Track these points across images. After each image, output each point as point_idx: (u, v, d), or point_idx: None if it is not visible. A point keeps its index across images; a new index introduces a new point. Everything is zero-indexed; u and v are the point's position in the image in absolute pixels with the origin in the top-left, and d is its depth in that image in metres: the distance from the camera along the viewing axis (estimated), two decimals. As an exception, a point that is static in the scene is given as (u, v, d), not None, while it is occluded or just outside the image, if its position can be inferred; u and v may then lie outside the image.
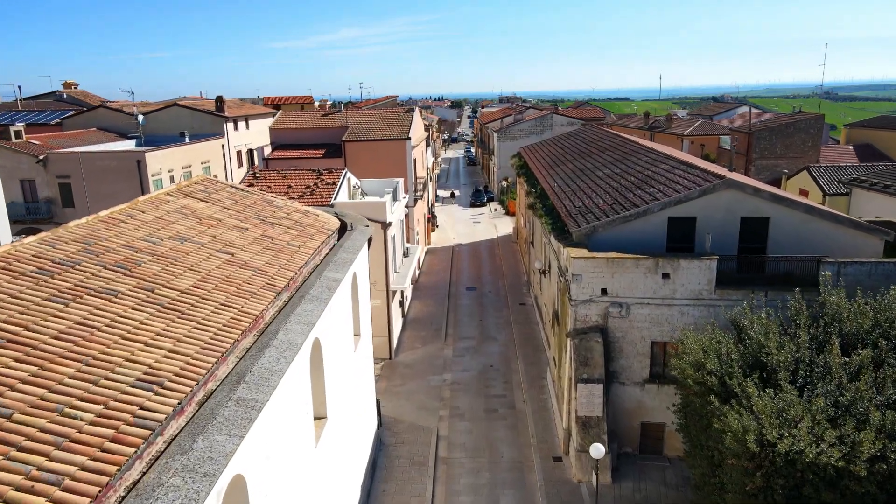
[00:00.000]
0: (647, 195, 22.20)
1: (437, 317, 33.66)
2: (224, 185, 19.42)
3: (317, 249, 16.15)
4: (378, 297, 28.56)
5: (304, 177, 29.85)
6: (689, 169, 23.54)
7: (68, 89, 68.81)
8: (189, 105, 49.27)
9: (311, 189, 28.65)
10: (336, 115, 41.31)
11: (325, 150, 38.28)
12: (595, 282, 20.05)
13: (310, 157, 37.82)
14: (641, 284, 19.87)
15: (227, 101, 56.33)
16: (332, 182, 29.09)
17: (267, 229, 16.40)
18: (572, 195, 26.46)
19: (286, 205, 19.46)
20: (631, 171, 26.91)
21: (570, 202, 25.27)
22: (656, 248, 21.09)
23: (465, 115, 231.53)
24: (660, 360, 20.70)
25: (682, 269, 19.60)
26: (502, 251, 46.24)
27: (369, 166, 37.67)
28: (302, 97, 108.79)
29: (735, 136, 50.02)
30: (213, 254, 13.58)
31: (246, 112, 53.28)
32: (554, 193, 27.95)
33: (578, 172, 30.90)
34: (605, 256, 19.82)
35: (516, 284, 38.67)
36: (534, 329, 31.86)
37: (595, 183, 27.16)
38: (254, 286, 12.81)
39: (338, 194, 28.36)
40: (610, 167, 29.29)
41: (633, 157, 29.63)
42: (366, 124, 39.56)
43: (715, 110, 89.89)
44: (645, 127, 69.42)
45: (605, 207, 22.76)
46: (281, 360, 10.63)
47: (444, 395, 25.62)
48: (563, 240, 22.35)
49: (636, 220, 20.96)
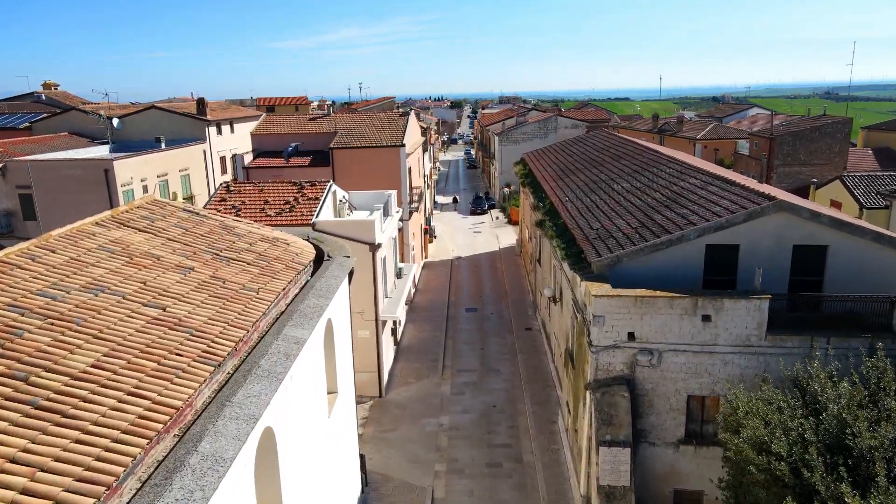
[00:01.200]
0: (679, 217, 18.86)
1: (433, 344, 30.30)
2: (176, 207, 16.08)
3: (282, 292, 12.83)
4: (366, 327, 25.23)
5: (284, 190, 26.51)
6: (725, 185, 20.19)
7: (47, 90, 65.40)
8: (168, 108, 45.92)
9: (290, 205, 25.31)
10: (324, 120, 37.98)
11: (311, 158, 34.96)
12: (620, 324, 16.72)
13: (294, 165, 34.49)
14: (676, 328, 16.53)
15: (211, 103, 53.00)
16: (315, 197, 25.74)
17: (220, 268, 13.05)
18: (587, 213, 23.11)
19: (251, 231, 16.13)
20: (654, 185, 23.58)
21: (586, 222, 21.93)
22: (690, 281, 17.79)
23: (465, 116, 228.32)
24: (697, 417, 17.36)
25: (726, 311, 16.27)
26: (505, 265, 42.88)
27: (359, 176, 34.34)
28: (297, 98, 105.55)
29: (755, 140, 46.69)
30: (136, 310, 10.23)
31: (231, 115, 49.92)
32: (566, 210, 24.60)
33: (592, 185, 27.56)
34: (634, 294, 16.49)
35: (521, 305, 35.33)
36: (541, 359, 28.51)
37: (613, 199, 23.83)
38: (185, 357, 9.45)
39: (321, 211, 25.02)
40: (628, 179, 25.95)
41: (654, 167, 26.30)
42: (356, 129, 36.22)
43: (724, 112, 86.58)
44: (654, 130, 66.09)
45: (628, 231, 19.43)
46: (202, 489, 7.26)
47: (441, 444, 22.27)
48: (579, 269, 19.02)
49: (668, 248, 17.64)
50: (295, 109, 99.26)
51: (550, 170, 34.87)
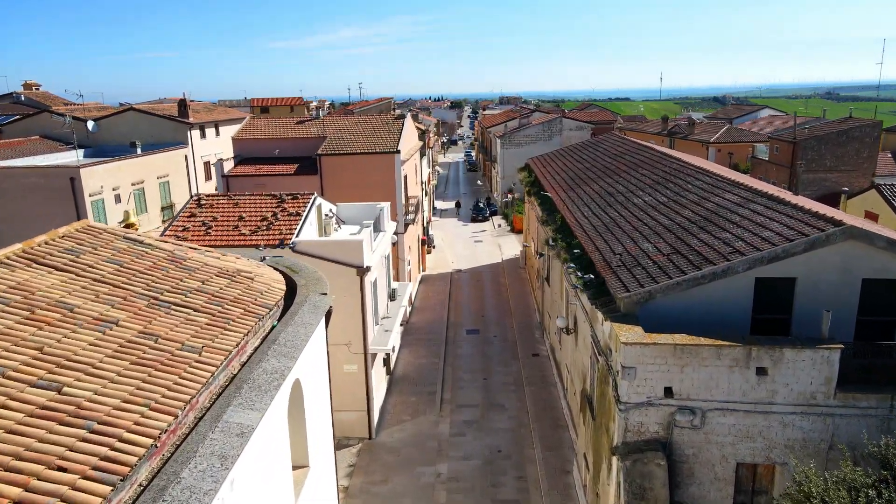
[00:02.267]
0: (720, 242, 15.88)
1: (431, 373, 27.30)
2: (115, 235, 13.05)
3: (236, 349, 9.84)
4: (354, 361, 22.24)
5: (262, 204, 23.54)
6: (772, 203, 17.21)
7: (27, 90, 62.46)
8: (147, 109, 42.92)
9: (268, 222, 22.32)
10: (312, 123, 34.99)
11: (297, 166, 31.99)
12: (656, 377, 13.74)
13: (279, 173, 31.52)
14: (725, 383, 13.56)
15: (195, 104, 50.03)
16: (297, 212, 22.76)
17: (156, 318, 10.02)
18: (607, 233, 20.12)
19: (206, 264, 13.11)
20: (682, 200, 20.59)
21: (607, 245, 18.94)
22: (736, 321, 14.85)
23: (466, 116, 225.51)
24: (747, 488, 14.38)
25: (786, 363, 13.30)
26: (509, 279, 39.89)
27: (350, 185, 31.36)
28: (292, 98, 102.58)
29: (775, 144, 43.68)
30: (16, 394, 7.21)
31: (217, 117, 46.93)
32: (581, 228, 21.61)
33: (608, 197, 24.58)
34: (673, 342, 13.51)
35: (527, 326, 32.33)
36: (551, 392, 25.53)
37: (635, 216, 20.84)
38: (71, 474, 6.43)
39: (302, 229, 22.04)
40: (650, 192, 22.97)
41: (678, 178, 23.32)
42: (347, 134, 33.25)
43: (735, 113, 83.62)
44: (663, 132, 63.10)
45: (659, 258, 16.45)
46: None
47: (439, 501, 19.27)
48: (601, 304, 16.05)
49: (710, 282, 14.67)
50: (290, 111, 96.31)
51: (559, 178, 31.87)
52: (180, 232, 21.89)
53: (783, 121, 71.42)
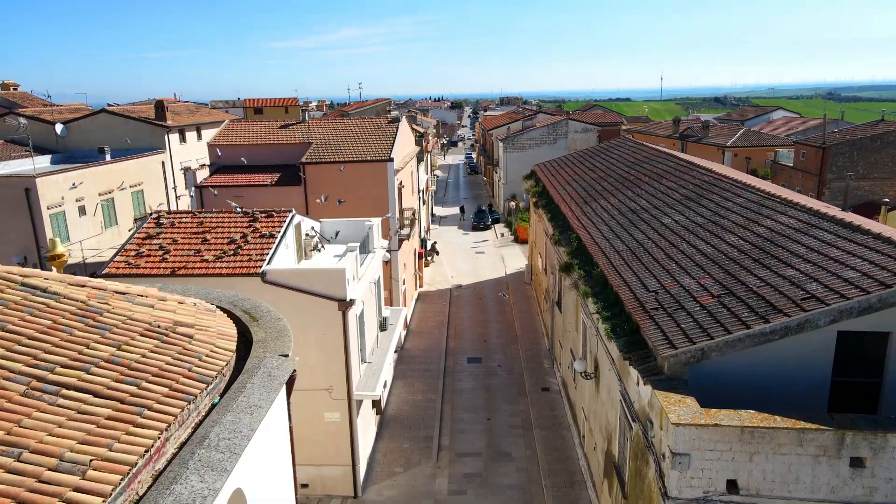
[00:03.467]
0: (787, 282, 12.66)
1: (427, 413, 24.07)
2: (7, 282, 9.85)
3: (143, 459, 6.55)
4: (336, 408, 19.01)
5: (231, 223, 20.32)
6: (845, 231, 13.97)
7: (5, 91, 59.23)
8: (121, 112, 39.71)
9: (236, 245, 19.10)
10: (298, 127, 31.74)
11: (279, 175, 28.76)
12: (716, 467, 10.53)
13: (259, 184, 28.26)
14: (808, 476, 10.36)
15: (175, 105, 46.89)
16: (271, 233, 19.52)
17: (32, 413, 6.76)
18: (635, 262, 16.88)
19: (132, 317, 9.90)
20: (724, 221, 17.36)
21: (637, 278, 15.70)
22: (810, 386, 11.68)
23: (466, 116, 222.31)
24: None
25: (889, 451, 10.09)
26: (513, 297, 36.63)
27: (338, 197, 28.11)
28: (286, 99, 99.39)
29: (801, 149, 40.43)
30: None
31: (198, 119, 43.76)
32: (602, 254, 18.37)
33: (630, 215, 21.35)
34: (740, 424, 10.29)
35: (535, 354, 29.08)
36: (564, 437, 22.30)
37: (666, 238, 17.62)
38: None
39: (276, 253, 18.80)
40: (682, 210, 19.75)
41: (714, 193, 20.10)
42: (335, 140, 29.99)
43: (746, 115, 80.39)
44: (674, 135, 59.86)
45: (707, 301, 13.22)
46: None
47: (434, 585, 16.04)
48: (636, 359, 12.84)
49: (782, 338, 11.46)
50: (285, 112, 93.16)
51: (571, 189, 28.63)
52: (132, 258, 18.66)
53: (797, 122, 68.23)
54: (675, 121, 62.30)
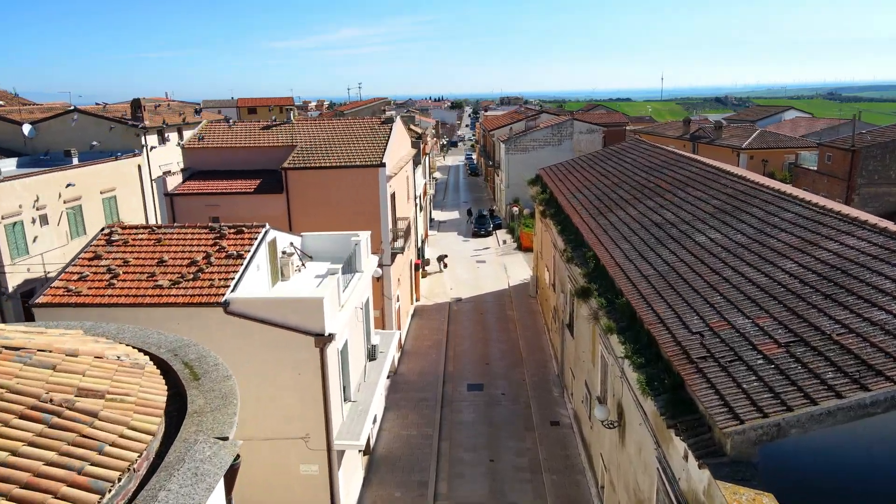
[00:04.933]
0: (878, 329, 9.88)
1: (421, 453, 21.27)
2: None
3: None
4: (313, 459, 16.20)
5: (195, 240, 17.53)
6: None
7: (-17, 90, 56.40)
8: (95, 111, 36.92)
9: (197, 267, 16.30)
10: (282, 129, 28.92)
11: (259, 181, 25.96)
12: None
13: (236, 191, 25.44)
14: None
15: (155, 104, 44.13)
16: (239, 253, 16.74)
17: None
18: (670, 293, 14.08)
19: (15, 389, 7.07)
20: (772, 241, 14.57)
21: (676, 316, 12.89)
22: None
23: (466, 116, 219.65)
24: None
25: None
26: (518, 313, 33.82)
27: (324, 207, 25.36)
28: (281, 98, 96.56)
29: (827, 152, 37.62)
30: None
31: (180, 120, 40.94)
32: (627, 280, 15.56)
33: (656, 229, 18.55)
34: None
35: (543, 380, 26.29)
36: (578, 483, 19.51)
37: (705, 263, 14.82)
38: None
39: (242, 278, 16.01)
40: (716, 225, 16.96)
41: (753, 206, 17.30)
42: (322, 142, 27.16)
43: (757, 115, 77.57)
44: (685, 136, 57.01)
45: (772, 351, 10.43)
46: None
47: None
48: (684, 428, 10.05)
49: (886, 412, 8.68)
50: (279, 111, 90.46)
51: (582, 197, 25.83)
52: (74, 282, 15.86)
53: (811, 123, 65.49)
54: (685, 121, 59.45)
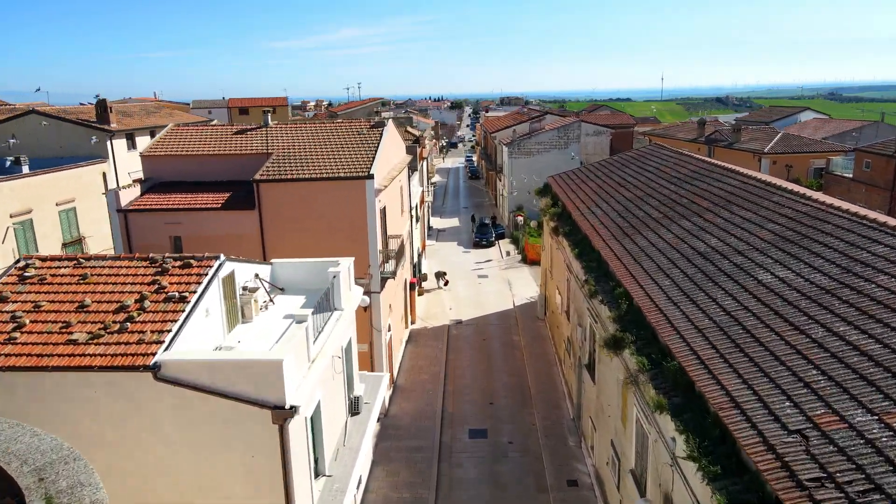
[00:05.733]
0: None
1: (415, 523, 17.77)
2: None
3: None
4: (273, 561, 12.65)
5: (129, 275, 14.03)
6: None
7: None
8: (55, 113, 33.41)
9: (126, 315, 12.80)
10: (257, 133, 25.41)
11: (229, 195, 22.48)
12: None
13: (201, 207, 21.93)
14: None
15: (130, 105, 40.70)
16: (181, 294, 13.25)
17: None
18: (741, 360, 10.58)
19: None
20: (868, 285, 11.08)
21: (760, 403, 9.38)
22: None
23: (466, 116, 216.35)
24: None
25: None
26: (525, 338, 30.31)
27: (303, 226, 21.87)
28: (274, 99, 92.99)
29: (865, 158, 34.13)
30: None
31: (153, 122, 37.45)
32: (680, 339, 12.02)
33: (701, 261, 15.05)
34: None
35: (555, 423, 22.81)
36: (606, 568, 15.96)
37: (781, 316, 11.33)
38: None
39: (183, 329, 12.50)
40: (782, 258, 13.49)
41: (826, 233, 13.81)
42: (302, 149, 23.66)
43: (771, 116, 74.08)
44: (700, 139, 53.53)
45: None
46: None
47: None
48: None
49: None
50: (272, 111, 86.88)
51: (601, 213, 22.33)
52: (-34, 335, 12.35)
53: (831, 125, 62.11)
54: (699, 123, 55.87)
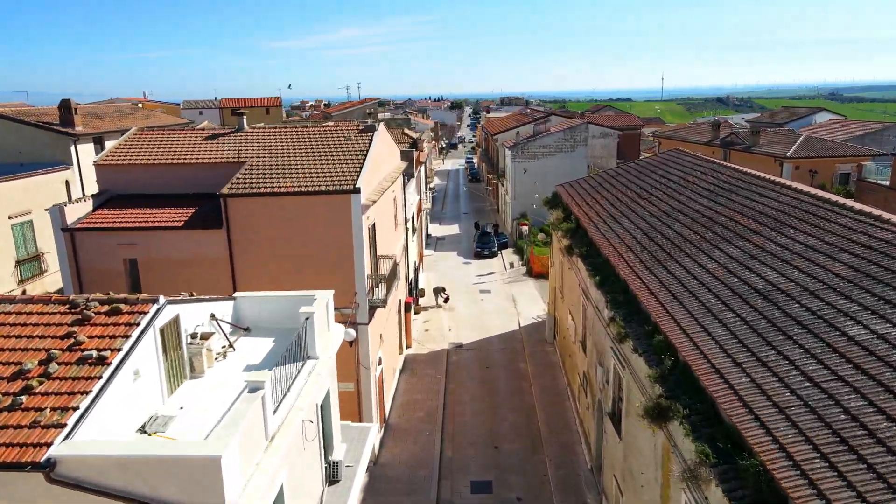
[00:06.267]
0: None
1: None
2: None
3: None
4: None
5: (39, 325, 11.01)
6: None
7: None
8: (13, 114, 30.37)
9: (23, 384, 9.77)
10: (228, 139, 22.34)
11: (194, 211, 19.47)
12: None
13: (161, 225, 18.90)
14: None
15: (102, 106, 37.72)
16: (102, 350, 10.23)
17: None
18: (846, 459, 7.58)
19: None
20: None
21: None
22: None
23: (466, 116, 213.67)
24: None
25: None
26: (533, 366, 27.29)
27: (278, 249, 18.86)
28: (268, 99, 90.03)
29: (905, 165, 31.04)
30: None
31: (126, 125, 34.44)
32: (756, 422, 8.98)
33: (762, 302, 12.04)
34: None
35: (570, 474, 19.78)
36: None
37: (889, 387, 8.35)
38: None
39: (96, 403, 9.47)
40: (871, 302, 10.48)
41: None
42: (278, 158, 20.64)
43: (784, 117, 70.98)
44: (714, 142, 50.45)
45: None
46: None
47: None
48: None
49: None
50: (265, 113, 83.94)
51: (623, 231, 19.30)
52: None
53: (851, 126, 59.15)
54: (713, 124, 52.74)
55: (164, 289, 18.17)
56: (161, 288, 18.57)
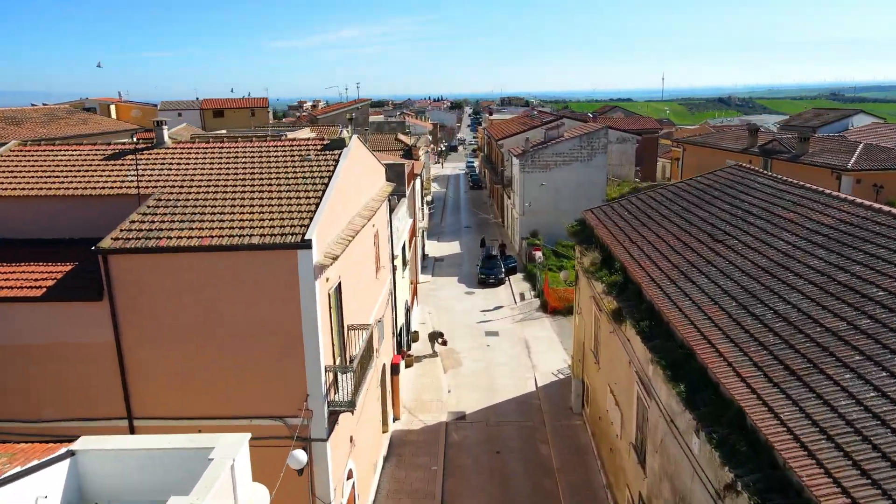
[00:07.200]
0: None
1: None
2: None
3: None
4: None
5: None
6: None
7: None
8: None
9: None
10: (141, 158, 15.91)
11: (68, 269, 13.20)
12: None
13: (13, 295, 12.63)
14: None
15: (18, 110, 31.34)
16: None
17: None
18: None
19: None
20: None
21: None
22: None
23: (466, 116, 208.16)
24: None
25: None
26: (557, 449, 20.85)
27: (191, 332, 12.49)
28: (254, 100, 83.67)
29: None
30: None
31: (53, 132, 28.09)
32: None
33: None
34: None
35: None
36: None
37: None
38: None
39: None
40: None
41: None
42: (202, 189, 14.32)
43: (816, 120, 64.56)
44: (751, 150, 44.03)
45: None
46: None
47: None
48: None
49: None
50: (251, 115, 77.43)
51: (708, 302, 12.95)
52: None
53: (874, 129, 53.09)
54: (750, 130, 46.19)
55: (12, 396, 11.93)
56: (6, 395, 12.25)
